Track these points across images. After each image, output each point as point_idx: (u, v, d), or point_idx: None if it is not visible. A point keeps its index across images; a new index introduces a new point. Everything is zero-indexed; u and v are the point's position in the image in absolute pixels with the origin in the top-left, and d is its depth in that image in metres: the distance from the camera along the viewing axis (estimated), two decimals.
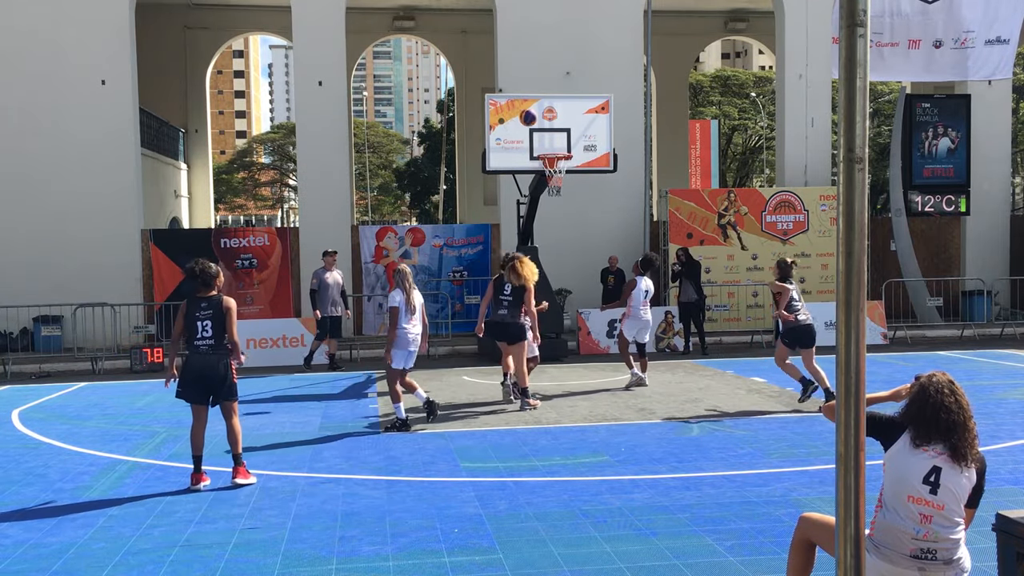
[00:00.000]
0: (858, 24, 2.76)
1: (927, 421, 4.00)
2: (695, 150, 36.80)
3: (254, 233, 20.43)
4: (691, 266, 17.70)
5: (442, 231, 21.36)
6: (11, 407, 12.87)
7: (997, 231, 22.30)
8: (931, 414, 4.00)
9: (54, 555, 6.27)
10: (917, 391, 4.11)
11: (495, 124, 15.76)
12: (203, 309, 8.06)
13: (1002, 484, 7.49)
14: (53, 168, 19.43)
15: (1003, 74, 19.65)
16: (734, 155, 52.21)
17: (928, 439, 4.00)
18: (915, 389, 4.13)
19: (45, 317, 18.75)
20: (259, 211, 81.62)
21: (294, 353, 16.94)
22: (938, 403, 4.00)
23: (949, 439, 3.97)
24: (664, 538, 6.33)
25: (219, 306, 8.06)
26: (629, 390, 13.05)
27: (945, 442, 3.98)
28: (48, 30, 19.37)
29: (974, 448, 4.00)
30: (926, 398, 4.04)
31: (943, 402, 4.00)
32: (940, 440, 3.98)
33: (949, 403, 3.99)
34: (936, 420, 3.98)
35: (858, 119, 2.79)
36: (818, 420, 10.57)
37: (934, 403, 4.01)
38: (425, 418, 10.80)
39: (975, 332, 19.34)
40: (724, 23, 30.50)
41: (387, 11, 28.53)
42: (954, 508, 3.95)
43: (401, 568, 5.84)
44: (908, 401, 4.15)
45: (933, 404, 4.01)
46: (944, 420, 3.98)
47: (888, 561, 4.00)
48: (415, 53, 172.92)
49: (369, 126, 71.90)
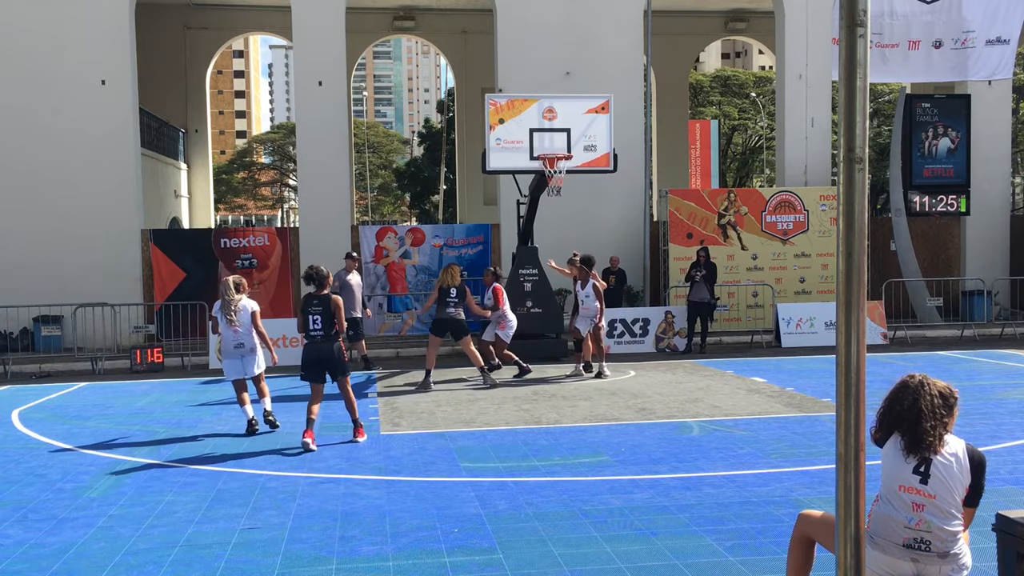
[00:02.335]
0: (858, 24, 2.77)
1: (887, 414, 4.19)
2: (695, 150, 36.79)
3: (254, 233, 20.43)
4: (709, 268, 17.67)
5: (442, 231, 21.36)
6: (11, 407, 12.87)
7: (997, 231, 22.30)
8: (886, 407, 4.20)
9: (54, 555, 6.27)
10: (889, 391, 4.30)
11: (495, 124, 15.76)
12: (315, 306, 9.71)
13: (1002, 484, 7.49)
14: (53, 168, 19.43)
15: (1004, 74, 19.64)
16: (734, 155, 52.20)
17: (890, 431, 4.16)
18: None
19: (45, 317, 18.76)
20: (259, 211, 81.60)
21: (294, 353, 16.90)
22: (892, 397, 4.19)
23: (909, 430, 4.07)
24: (664, 538, 6.33)
25: (328, 303, 9.71)
26: (578, 377, 14.33)
27: (904, 434, 4.09)
28: (48, 30, 19.37)
29: (927, 439, 4.03)
30: (889, 394, 4.25)
31: (896, 395, 4.17)
32: (902, 432, 4.10)
33: (902, 396, 4.14)
34: (889, 411, 4.17)
35: (858, 119, 2.79)
36: (818, 420, 10.58)
37: (890, 397, 4.20)
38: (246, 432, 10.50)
39: (975, 332, 19.34)
40: (724, 23, 30.50)
41: (387, 11, 28.53)
42: (947, 499, 3.97)
43: (401, 568, 5.84)
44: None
45: (889, 398, 4.20)
46: (896, 411, 4.13)
47: (882, 551, 4.03)
48: (415, 53, 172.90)
49: (369, 126, 71.92)
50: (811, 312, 18.43)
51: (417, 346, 18.65)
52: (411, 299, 20.08)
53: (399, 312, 19.89)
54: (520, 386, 13.64)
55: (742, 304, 20.15)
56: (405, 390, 13.50)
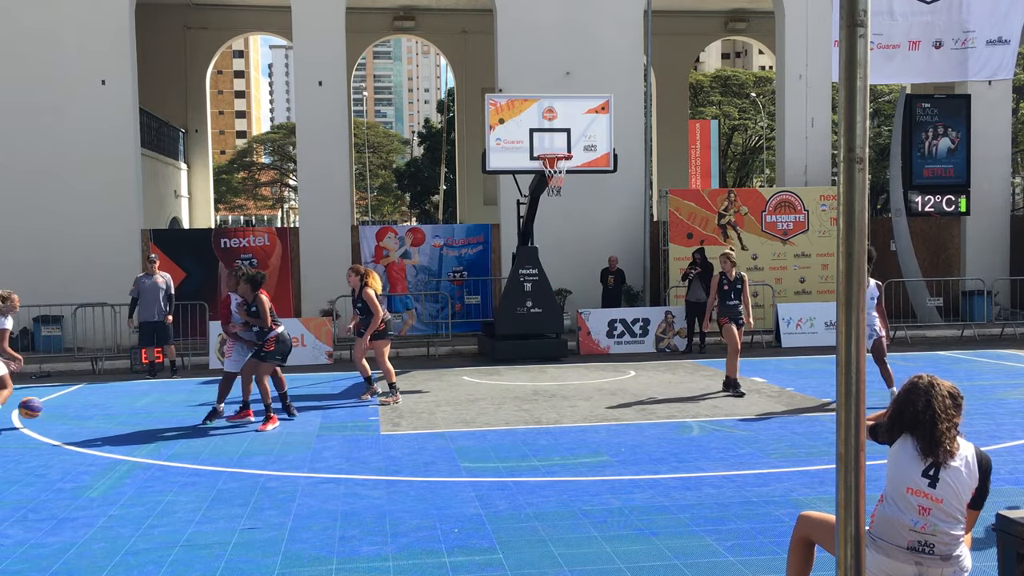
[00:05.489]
0: (858, 24, 2.76)
1: (899, 416, 4.14)
2: (695, 150, 36.78)
3: (254, 233, 20.43)
4: (706, 267, 17.66)
5: (442, 231, 21.36)
6: (11, 407, 12.87)
7: (997, 231, 22.30)
8: (897, 409, 4.15)
9: (54, 555, 6.27)
10: (898, 393, 4.26)
11: (495, 124, 15.76)
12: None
13: (1002, 484, 7.49)
14: (53, 168, 19.43)
15: (1004, 74, 19.63)
16: (734, 155, 52.20)
17: (902, 432, 4.12)
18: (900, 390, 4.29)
19: (45, 317, 18.75)
20: (259, 211, 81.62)
21: (294, 353, 16.86)
22: (902, 398, 4.14)
23: (925, 433, 4.04)
24: (664, 538, 6.32)
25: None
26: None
27: (920, 438, 4.05)
28: (48, 30, 19.37)
29: (946, 443, 4.01)
30: (898, 395, 4.21)
31: (907, 396, 4.12)
32: (917, 435, 4.06)
33: (914, 398, 4.11)
34: (902, 414, 4.11)
35: (858, 119, 2.79)
36: (818, 420, 10.58)
37: (900, 399, 4.16)
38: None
39: (975, 332, 19.34)
40: (724, 23, 30.50)
41: (387, 11, 28.53)
42: (954, 504, 3.96)
43: (401, 568, 5.84)
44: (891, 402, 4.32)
45: (899, 400, 4.16)
46: (911, 413, 4.08)
47: (885, 554, 4.01)
48: (415, 53, 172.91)
49: (369, 126, 71.91)
50: (811, 312, 18.43)
51: (418, 346, 18.66)
52: (411, 299, 20.09)
53: (399, 312, 19.89)
54: (520, 386, 13.64)
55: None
56: (406, 390, 13.48)
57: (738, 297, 12.56)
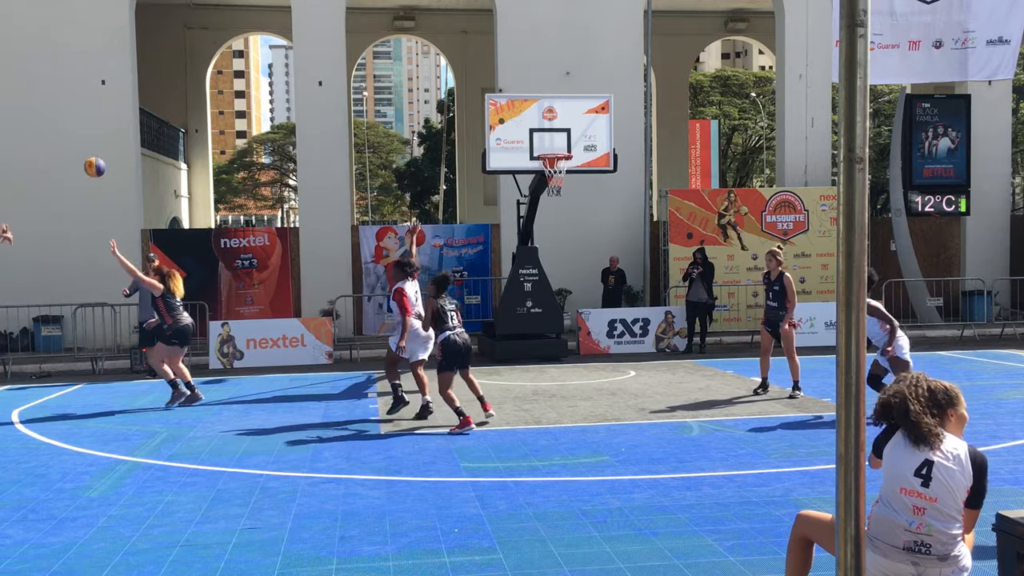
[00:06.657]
0: (858, 24, 2.77)
1: (884, 410, 4.16)
2: (695, 150, 36.80)
3: (254, 233, 20.43)
4: (706, 267, 17.66)
5: (442, 231, 21.37)
6: (11, 407, 12.87)
7: (997, 231, 22.30)
8: (882, 401, 4.17)
9: (54, 555, 6.26)
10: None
11: (495, 124, 15.76)
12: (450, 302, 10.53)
13: (1002, 484, 7.48)
14: (53, 168, 19.43)
15: (1005, 74, 19.62)
16: (734, 155, 52.20)
17: (888, 422, 4.15)
18: None
19: (45, 317, 18.75)
20: (259, 211, 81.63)
21: (294, 353, 16.93)
22: (881, 396, 4.18)
23: (906, 423, 4.06)
24: (664, 538, 6.32)
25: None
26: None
27: (903, 429, 4.08)
28: (48, 30, 19.37)
29: (931, 435, 4.02)
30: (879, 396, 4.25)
31: (891, 390, 4.16)
32: (903, 427, 4.09)
33: (890, 390, 4.15)
34: (888, 406, 4.13)
35: (858, 119, 2.79)
36: (818, 420, 10.58)
37: (880, 398, 4.19)
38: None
39: (975, 332, 19.34)
40: (724, 23, 30.51)
41: (387, 11, 28.53)
42: (948, 502, 3.95)
43: (401, 568, 5.84)
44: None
45: (879, 399, 4.19)
46: (894, 404, 4.10)
47: (881, 554, 4.01)
48: (415, 53, 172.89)
49: (369, 126, 71.90)
50: (811, 312, 18.41)
51: None
52: None
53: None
54: (520, 386, 13.64)
55: (742, 304, 20.15)
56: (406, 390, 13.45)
57: (777, 299, 12.02)
